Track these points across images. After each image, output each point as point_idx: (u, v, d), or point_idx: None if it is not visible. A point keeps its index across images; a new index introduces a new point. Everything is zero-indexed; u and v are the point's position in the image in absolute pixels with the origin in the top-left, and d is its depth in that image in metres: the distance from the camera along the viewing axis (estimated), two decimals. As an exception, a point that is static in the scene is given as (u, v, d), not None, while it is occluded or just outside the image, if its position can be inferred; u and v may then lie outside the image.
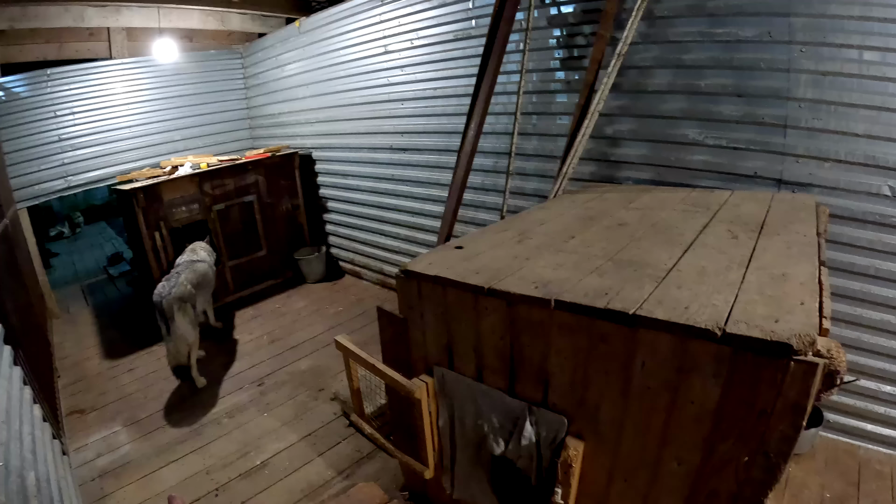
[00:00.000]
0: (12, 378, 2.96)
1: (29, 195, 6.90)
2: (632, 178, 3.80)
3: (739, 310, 1.60)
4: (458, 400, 2.49)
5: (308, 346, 5.63)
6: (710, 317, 1.57)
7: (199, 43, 8.37)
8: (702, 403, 1.62)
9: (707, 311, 1.61)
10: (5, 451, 2.27)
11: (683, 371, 1.62)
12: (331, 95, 6.72)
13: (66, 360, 5.99)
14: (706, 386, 1.59)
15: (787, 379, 1.43)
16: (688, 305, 1.66)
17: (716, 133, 3.42)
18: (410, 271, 2.44)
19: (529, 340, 2.03)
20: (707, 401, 1.61)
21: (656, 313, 1.63)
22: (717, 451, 1.64)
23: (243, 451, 4.04)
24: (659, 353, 1.66)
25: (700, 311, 1.61)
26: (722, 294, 1.71)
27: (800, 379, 1.41)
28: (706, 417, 1.63)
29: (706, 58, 3.36)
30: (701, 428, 1.65)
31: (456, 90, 5.01)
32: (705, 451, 1.67)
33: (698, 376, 1.60)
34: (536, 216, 3.06)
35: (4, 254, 4.35)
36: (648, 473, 1.86)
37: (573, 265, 2.15)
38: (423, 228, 5.95)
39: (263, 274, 7.34)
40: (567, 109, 4.09)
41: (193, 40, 8.30)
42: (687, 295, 1.73)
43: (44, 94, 6.85)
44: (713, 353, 1.54)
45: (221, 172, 6.61)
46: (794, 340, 1.40)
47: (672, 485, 1.80)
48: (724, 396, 1.57)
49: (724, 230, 2.40)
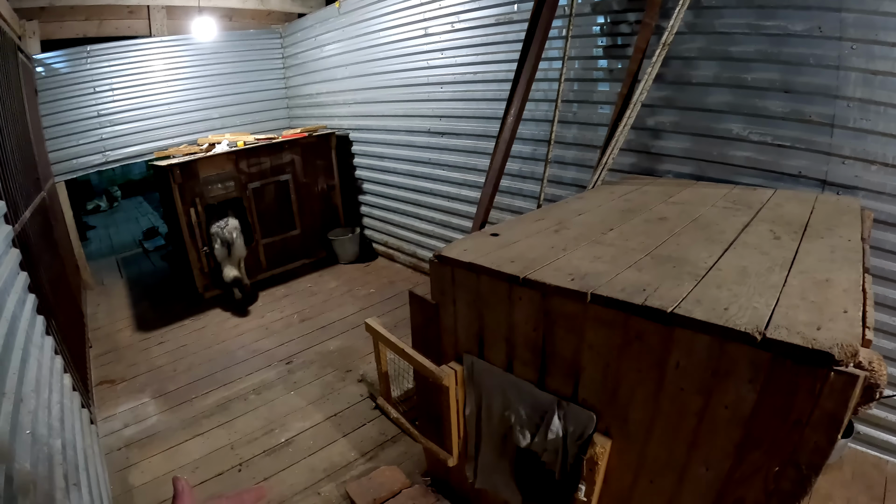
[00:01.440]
0: (44, 347, 3.01)
1: (67, 169, 7.06)
2: (672, 172, 3.73)
3: (780, 314, 1.55)
4: (487, 389, 2.48)
5: (338, 326, 5.68)
6: (751, 320, 1.52)
7: (238, 22, 8.42)
8: (735, 409, 1.58)
9: (747, 313, 1.56)
10: (33, 419, 2.31)
11: (719, 374, 1.58)
12: (369, 77, 6.71)
13: (99, 330, 6.15)
14: (741, 391, 1.55)
15: (826, 390, 1.38)
16: (727, 307, 1.61)
17: (760, 129, 3.32)
18: (444, 257, 2.43)
19: (563, 333, 2.01)
20: (741, 406, 1.57)
21: (695, 313, 1.59)
22: (747, 458, 1.60)
23: (268, 428, 4.11)
24: (695, 355, 1.62)
25: (740, 314, 1.56)
26: (763, 297, 1.66)
27: (839, 390, 1.36)
28: (739, 423, 1.59)
29: (753, 51, 3.26)
30: (732, 434, 1.61)
31: (496, 75, 4.96)
32: (735, 458, 1.63)
33: (734, 381, 1.56)
34: (574, 206, 3.02)
35: (41, 225, 4.44)
36: (675, 476, 1.84)
37: (611, 258, 2.12)
38: (458, 213, 5.94)
39: (296, 253, 7.41)
40: (609, 98, 4.03)
41: (233, 19, 8.35)
42: (727, 295, 1.69)
43: (83, 70, 6.97)
44: (751, 357, 1.50)
45: (258, 151, 6.66)
46: (836, 350, 1.35)
47: (698, 490, 1.77)
48: (759, 403, 1.53)
49: (766, 230, 2.34)
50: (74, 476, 2.62)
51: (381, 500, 3.25)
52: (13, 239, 3.05)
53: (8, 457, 1.84)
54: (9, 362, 2.29)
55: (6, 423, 1.96)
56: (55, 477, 2.30)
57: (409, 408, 3.64)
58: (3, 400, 2.05)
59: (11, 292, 2.69)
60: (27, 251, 3.29)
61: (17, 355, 2.42)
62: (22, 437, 2.09)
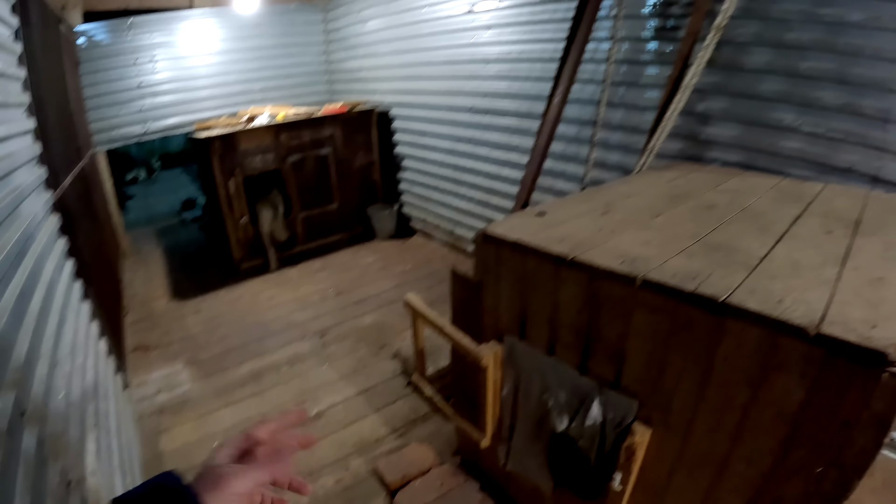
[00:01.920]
0: (80, 312, 3.08)
1: (108, 139, 7.20)
2: (719, 160, 3.66)
3: (835, 310, 1.51)
4: (526, 371, 2.47)
5: (373, 301, 5.72)
6: (805, 314, 1.49)
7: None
8: (782, 405, 1.56)
9: (801, 307, 1.53)
10: (67, 383, 2.35)
11: (768, 368, 1.56)
12: (412, 53, 6.68)
13: (135, 297, 6.30)
14: (790, 387, 1.52)
15: (877, 391, 1.35)
16: (781, 299, 1.58)
17: (812, 120, 3.21)
18: (490, 234, 2.41)
19: (609, 318, 1.99)
20: (789, 403, 1.54)
21: (748, 303, 1.57)
22: (790, 456, 1.58)
23: (300, 400, 4.17)
24: (745, 347, 1.59)
25: (794, 307, 1.53)
26: (816, 291, 1.63)
27: (890, 392, 1.33)
28: (785, 420, 1.56)
29: (808, 39, 3.15)
30: (777, 431, 1.59)
31: (542, 54, 4.89)
32: (777, 456, 1.61)
33: (783, 376, 1.53)
34: (621, 189, 2.98)
35: (80, 193, 4.52)
36: (713, 471, 1.82)
37: (660, 243, 2.09)
38: (498, 193, 5.90)
39: (333, 227, 7.45)
40: (657, 82, 3.95)
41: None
42: (780, 288, 1.66)
43: (125, 41, 7.06)
44: (803, 353, 1.47)
45: (298, 124, 6.68)
46: (892, 350, 1.32)
47: (736, 486, 1.76)
48: (808, 401, 1.50)
49: (818, 224, 2.28)
50: (106, 440, 2.68)
51: (410, 477, 3.28)
52: (53, 204, 3.11)
53: (41, 419, 1.88)
54: (45, 326, 2.33)
55: (41, 386, 1.99)
56: (87, 440, 2.34)
57: (442, 386, 3.66)
58: (39, 363, 2.08)
59: (50, 257, 2.74)
60: (66, 217, 3.35)
61: (53, 319, 2.46)
62: (56, 401, 2.13)
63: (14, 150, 2.58)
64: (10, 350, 1.83)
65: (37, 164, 3.01)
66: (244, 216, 6.48)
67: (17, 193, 2.43)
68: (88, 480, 2.15)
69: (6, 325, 1.83)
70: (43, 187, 3.02)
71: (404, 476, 3.28)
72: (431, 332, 3.10)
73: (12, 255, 2.14)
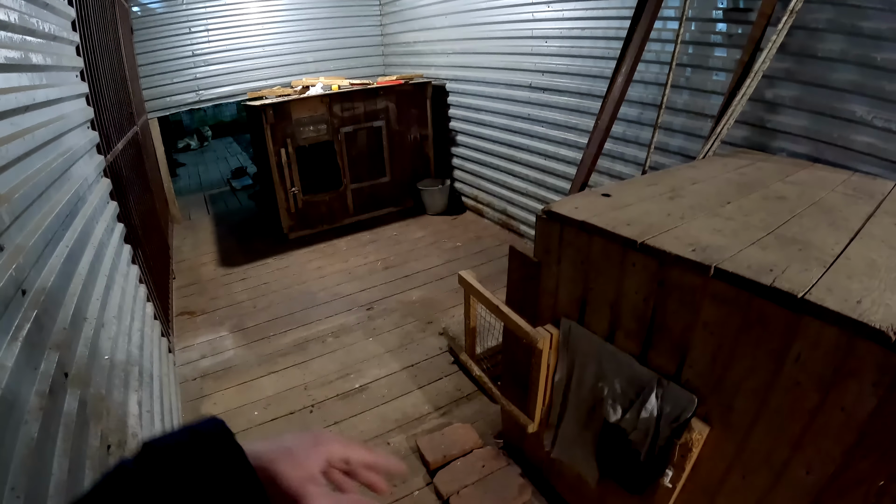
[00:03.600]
0: (129, 276, 3.16)
1: (161, 106, 7.38)
2: (786, 150, 3.54)
3: (914, 316, 1.45)
4: (582, 357, 2.44)
5: (421, 276, 5.74)
6: (885, 317, 1.42)
7: (337, -34, 8.41)
8: (852, 412, 1.49)
9: (881, 310, 1.46)
10: (112, 346, 2.40)
11: (842, 373, 1.49)
12: (470, 27, 6.61)
13: (183, 263, 6.47)
14: (863, 394, 1.46)
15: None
16: (860, 300, 1.51)
17: (886, 114, 3.05)
18: (554, 213, 2.36)
19: (676, 307, 1.94)
20: (859, 410, 1.48)
21: (827, 302, 1.50)
22: (853, 466, 1.52)
23: (343, 373, 4.20)
24: (820, 348, 1.53)
25: (873, 309, 1.47)
26: (895, 294, 1.56)
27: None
28: (853, 428, 1.50)
29: (886, 28, 2.98)
30: (843, 439, 1.53)
31: (606, 32, 4.79)
32: (840, 465, 1.55)
33: (856, 381, 1.47)
34: (688, 174, 2.90)
35: (132, 159, 4.63)
36: (771, 475, 1.77)
37: (731, 232, 2.03)
38: (554, 173, 5.84)
39: (384, 200, 7.51)
40: (725, 65, 3.83)
41: (332, -37, 8.34)
42: (858, 288, 1.59)
43: (179, 10, 7.19)
44: (880, 358, 1.40)
45: (352, 95, 6.72)
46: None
47: (793, 494, 1.70)
48: (879, 409, 1.43)
49: (892, 223, 2.17)
50: (148, 403, 2.73)
51: (451, 457, 3.29)
52: (105, 169, 3.18)
53: (84, 382, 1.92)
54: (93, 288, 2.39)
55: (85, 348, 2.04)
56: (129, 403, 2.39)
57: (491, 366, 3.65)
58: (85, 325, 2.13)
59: (100, 220, 2.81)
60: (118, 182, 3.44)
61: (101, 282, 2.53)
62: (100, 363, 2.17)
63: (66, 112, 2.64)
64: (56, 311, 1.87)
65: (88, 128, 3.08)
66: (295, 186, 6.53)
67: (69, 155, 2.50)
68: (129, 443, 2.20)
69: (53, 286, 1.88)
70: (94, 151, 3.09)
71: (445, 456, 3.29)
72: (481, 311, 3.08)
73: (62, 217, 2.20)
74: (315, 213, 7.01)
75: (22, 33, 2.18)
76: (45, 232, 1.92)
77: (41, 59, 2.33)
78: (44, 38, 2.46)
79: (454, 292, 5.13)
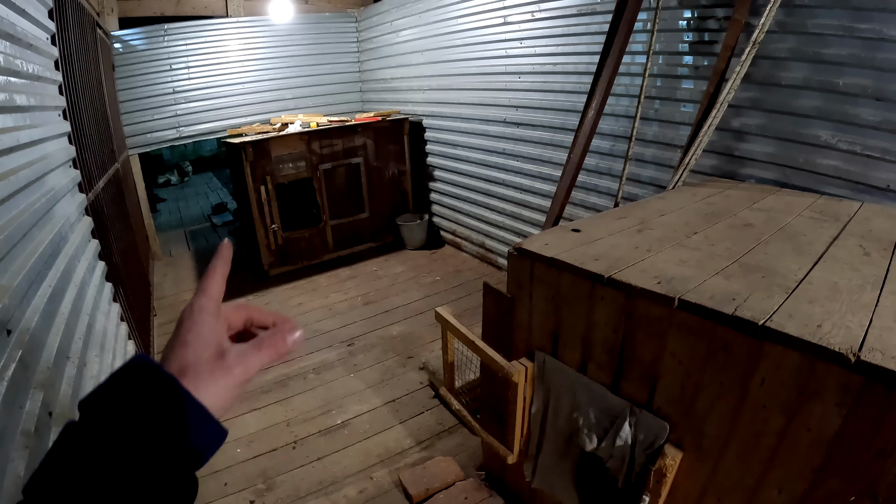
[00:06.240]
0: (110, 314, 3.15)
1: (141, 142, 7.39)
2: (755, 177, 3.61)
3: (874, 336, 1.49)
4: (556, 389, 2.47)
5: (401, 311, 5.73)
6: (845, 340, 1.47)
7: (314, 5, 8.59)
8: (818, 432, 1.53)
9: (841, 332, 1.51)
10: (96, 384, 2.39)
11: (805, 394, 1.54)
12: (445, 63, 6.72)
13: (164, 300, 6.40)
14: (827, 414, 1.50)
15: (917, 421, 1.33)
16: (820, 324, 1.56)
17: (849, 137, 3.14)
18: (525, 250, 2.41)
19: (644, 338, 1.98)
20: (825, 430, 1.52)
21: (787, 328, 1.55)
22: (823, 484, 1.56)
23: (325, 409, 4.19)
24: (783, 372, 1.58)
25: (834, 332, 1.51)
26: (856, 316, 1.61)
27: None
28: (820, 447, 1.54)
29: (846, 54, 3.09)
30: (812, 458, 1.57)
31: (577, 67, 4.89)
32: (811, 483, 1.58)
33: (820, 402, 1.51)
34: (656, 206, 2.97)
35: (113, 196, 4.63)
36: (744, 497, 1.80)
37: (697, 263, 2.08)
38: (530, 206, 5.90)
39: (364, 236, 7.53)
40: (693, 97, 3.93)
41: (309, 2, 8.54)
42: (819, 312, 1.64)
43: (160, 47, 7.25)
44: (842, 379, 1.45)
45: (330, 133, 6.78)
46: (932, 379, 1.29)
47: None
48: (844, 428, 1.48)
49: (856, 245, 2.24)
50: None
51: (433, 490, 3.29)
52: (86, 207, 3.19)
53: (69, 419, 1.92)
54: (75, 327, 2.38)
55: (69, 387, 2.04)
56: None
57: (470, 399, 3.65)
58: (67, 363, 2.13)
59: (82, 259, 2.81)
60: (99, 220, 3.44)
61: (83, 320, 2.52)
62: None
63: (49, 152, 2.65)
64: (39, 350, 1.88)
65: (71, 167, 3.10)
66: (275, 223, 6.55)
67: (51, 195, 2.50)
68: None
69: (37, 326, 1.88)
70: (76, 189, 3.10)
71: (428, 489, 3.29)
72: (460, 345, 3.10)
73: (45, 256, 2.20)
74: (295, 249, 7.00)
75: (6, 75, 2.19)
76: (28, 272, 1.93)
77: (25, 100, 2.34)
78: (27, 79, 2.48)
79: (434, 327, 5.12)
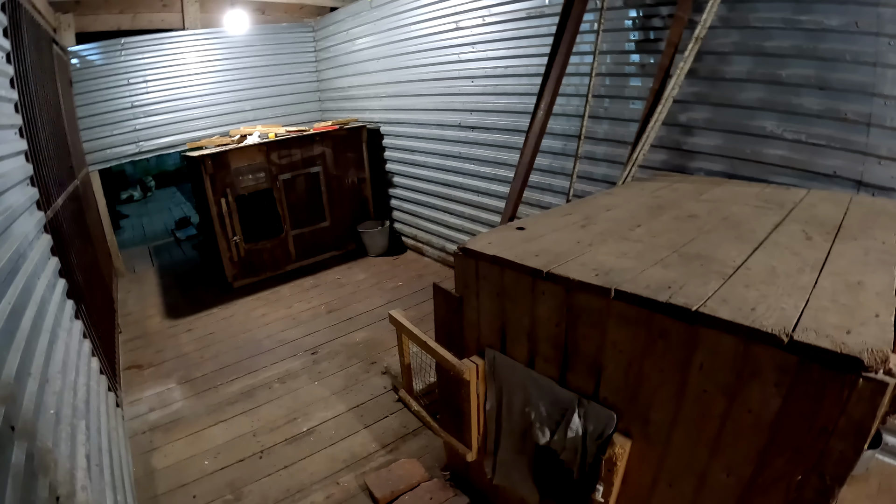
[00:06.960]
0: (72, 331, 3.08)
1: (101, 158, 7.25)
2: (704, 170, 3.66)
3: (809, 317, 1.51)
4: (508, 385, 2.47)
5: (364, 318, 5.71)
6: (778, 321, 1.49)
7: (270, 16, 8.54)
8: (759, 413, 1.55)
9: (775, 314, 1.53)
10: (58, 400, 2.36)
11: (743, 377, 1.55)
12: (401, 70, 6.73)
13: (129, 316, 6.29)
14: (766, 395, 1.51)
15: (853, 396, 1.34)
16: (754, 307, 1.58)
17: (795, 127, 3.20)
18: (469, 249, 2.42)
19: (585, 330, 1.99)
20: (765, 411, 1.53)
21: (720, 312, 1.56)
22: (769, 465, 1.57)
23: (291, 417, 4.16)
24: (719, 356, 1.59)
25: (767, 315, 1.53)
26: (792, 298, 1.62)
27: (867, 398, 1.32)
28: (762, 429, 1.55)
29: (788, 46, 3.15)
30: (756, 439, 1.58)
31: (528, 69, 4.93)
32: (757, 465, 1.60)
33: (759, 384, 1.52)
34: (603, 202, 2.98)
35: (73, 213, 4.55)
36: (695, 481, 1.80)
37: (637, 255, 2.09)
38: (487, 208, 5.91)
39: (326, 245, 7.47)
40: (640, 94, 3.96)
41: (265, 13, 8.48)
42: (754, 295, 1.65)
43: (117, 62, 7.14)
44: (778, 360, 1.46)
45: (289, 143, 6.72)
46: (866, 355, 1.30)
47: (718, 496, 1.74)
48: (784, 408, 1.49)
49: (798, 230, 2.28)
50: (97, 457, 2.68)
51: (399, 492, 3.27)
52: (45, 225, 3.13)
53: (31, 434, 1.89)
54: (36, 344, 2.36)
55: (31, 403, 2.01)
56: (77, 456, 2.35)
57: (430, 401, 3.64)
58: (29, 380, 2.10)
59: (41, 276, 2.76)
60: (59, 237, 3.37)
61: (44, 338, 2.48)
62: (46, 417, 2.14)
63: (5, 171, 2.60)
64: (0, 366, 1.86)
65: (28, 185, 3.03)
66: (237, 235, 6.47)
67: (9, 213, 2.46)
68: (79, 496, 2.16)
69: None
70: (35, 207, 3.04)
71: (393, 491, 3.27)
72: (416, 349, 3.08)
73: (3, 274, 2.17)
74: (258, 260, 6.92)
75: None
76: (-13, 291, 1.88)
77: (-21, 121, 2.30)
78: (-19, 99, 2.43)
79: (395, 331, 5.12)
